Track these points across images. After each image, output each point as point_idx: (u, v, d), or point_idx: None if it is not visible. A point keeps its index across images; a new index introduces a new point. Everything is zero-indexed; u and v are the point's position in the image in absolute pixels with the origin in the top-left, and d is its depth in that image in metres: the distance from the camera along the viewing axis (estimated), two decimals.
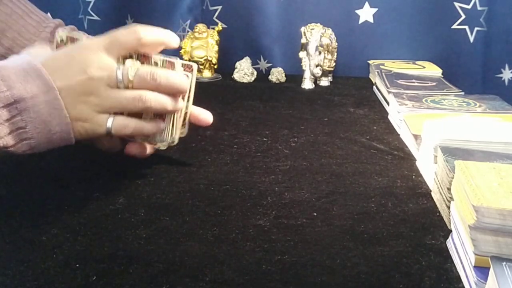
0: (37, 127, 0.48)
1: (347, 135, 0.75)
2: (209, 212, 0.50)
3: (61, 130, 0.49)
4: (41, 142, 0.49)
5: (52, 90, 0.48)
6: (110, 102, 0.51)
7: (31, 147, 0.49)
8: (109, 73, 0.50)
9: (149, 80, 0.52)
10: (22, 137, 0.47)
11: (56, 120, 0.48)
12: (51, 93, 0.48)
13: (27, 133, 0.47)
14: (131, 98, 0.51)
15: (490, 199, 0.39)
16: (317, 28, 1.04)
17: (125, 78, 0.51)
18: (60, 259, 0.42)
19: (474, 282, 0.38)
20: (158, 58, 0.54)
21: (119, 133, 0.53)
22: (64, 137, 0.50)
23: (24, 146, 0.48)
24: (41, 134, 0.48)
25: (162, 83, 0.52)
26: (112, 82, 0.51)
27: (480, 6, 1.10)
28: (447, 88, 0.92)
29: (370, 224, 0.49)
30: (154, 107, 0.52)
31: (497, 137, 0.57)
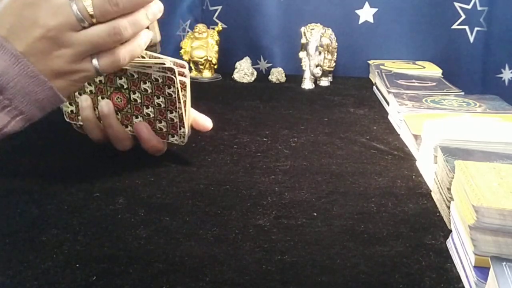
0: (22, 100, 0.45)
1: (347, 135, 0.75)
2: (209, 212, 0.50)
3: (46, 95, 0.46)
4: (33, 113, 0.46)
5: (19, 59, 0.44)
6: (84, 46, 0.46)
7: (26, 120, 0.46)
8: (65, 15, 0.45)
9: (110, 7, 0.46)
10: (12, 114, 0.45)
11: (38, 88, 0.45)
12: (20, 62, 0.44)
13: (16, 109, 0.45)
14: (105, 34, 0.47)
15: (490, 199, 0.39)
16: (317, 28, 1.04)
17: (84, 14, 0.45)
18: (60, 259, 0.42)
19: (474, 282, 0.38)
20: None
21: (109, 68, 0.49)
22: (53, 100, 0.47)
23: (18, 122, 0.46)
24: (29, 106, 0.45)
25: (125, 4, 0.47)
26: (74, 24, 0.45)
27: (480, 6, 1.10)
28: (447, 88, 0.92)
29: (370, 224, 0.49)
30: (133, 31, 0.48)
31: (497, 137, 0.57)
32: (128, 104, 0.60)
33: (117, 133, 0.60)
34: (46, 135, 0.70)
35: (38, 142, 0.69)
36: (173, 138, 0.60)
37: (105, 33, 0.47)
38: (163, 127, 0.60)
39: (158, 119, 0.60)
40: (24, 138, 0.67)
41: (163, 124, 0.60)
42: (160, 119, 0.60)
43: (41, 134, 0.70)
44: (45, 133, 0.71)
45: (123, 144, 0.61)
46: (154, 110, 0.59)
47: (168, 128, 0.60)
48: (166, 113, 0.59)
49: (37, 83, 0.45)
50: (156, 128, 0.60)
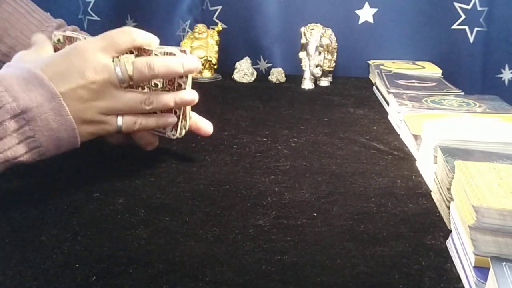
0: (45, 134, 0.48)
1: (347, 135, 0.75)
2: (209, 212, 0.50)
3: (68, 135, 0.49)
4: (49, 149, 0.49)
5: (56, 97, 0.48)
6: (117, 104, 0.52)
7: (40, 154, 0.49)
8: (109, 74, 0.51)
9: (147, 71, 0.52)
10: (31, 146, 0.48)
11: (63, 127, 0.48)
12: (55, 100, 0.48)
13: (36, 141, 0.48)
14: (137, 100, 0.53)
15: (490, 200, 0.39)
16: (317, 29, 1.04)
17: (124, 74, 0.51)
18: (59, 259, 0.42)
19: (474, 283, 0.38)
20: (158, 51, 0.54)
21: (129, 130, 0.54)
22: (71, 142, 0.50)
23: (34, 154, 0.48)
24: (49, 141, 0.48)
25: (160, 70, 0.52)
26: (114, 82, 0.51)
27: (480, 7, 1.10)
28: (447, 88, 0.92)
29: (370, 224, 0.49)
30: (158, 107, 0.54)
31: (497, 137, 0.57)
32: None
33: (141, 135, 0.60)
34: None
35: None
36: (170, 132, 0.59)
37: (137, 100, 0.53)
38: None
39: None
40: None
41: None
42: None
43: None
44: None
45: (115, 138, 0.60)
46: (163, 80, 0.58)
47: None
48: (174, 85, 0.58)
49: (63, 122, 0.48)
50: None
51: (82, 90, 0.49)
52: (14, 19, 0.70)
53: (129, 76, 0.52)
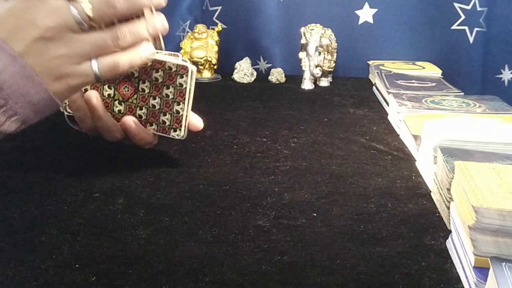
0: (17, 101, 0.44)
1: (346, 136, 0.75)
2: (209, 213, 0.50)
3: (41, 98, 0.45)
4: (28, 114, 0.45)
5: (16, 59, 0.43)
6: (84, 47, 0.47)
7: (21, 122, 0.45)
8: (63, 16, 0.45)
9: (108, 9, 0.46)
10: (7, 114, 0.44)
11: (33, 90, 0.45)
12: (17, 62, 0.44)
13: (10, 109, 0.44)
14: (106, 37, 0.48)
15: (490, 200, 0.39)
16: (316, 29, 1.04)
17: (82, 15, 0.45)
18: (59, 259, 0.42)
19: (474, 283, 0.38)
20: None
21: (109, 72, 0.49)
22: (49, 104, 0.46)
23: (12, 123, 0.45)
24: (24, 107, 0.45)
25: (121, 5, 0.47)
26: (72, 25, 0.45)
27: (480, 7, 1.11)
28: (447, 89, 0.92)
29: (369, 225, 0.49)
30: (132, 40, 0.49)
31: (497, 137, 0.57)
32: (135, 94, 0.60)
33: (105, 125, 0.59)
34: (46, 135, 0.70)
35: (38, 142, 0.69)
36: (174, 132, 0.60)
37: (106, 37, 0.47)
38: (166, 120, 0.59)
39: (163, 112, 0.59)
40: (24, 138, 0.67)
41: (167, 117, 0.59)
42: (165, 112, 0.59)
43: (41, 134, 0.70)
44: (45, 133, 0.71)
45: (112, 136, 0.60)
46: (161, 101, 0.59)
47: (171, 122, 0.59)
48: (173, 105, 0.58)
49: (32, 84, 0.45)
50: (159, 121, 0.60)
51: (39, 43, 0.44)
52: None
53: (87, 16, 0.46)
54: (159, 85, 0.58)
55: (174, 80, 0.58)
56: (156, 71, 0.58)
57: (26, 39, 0.44)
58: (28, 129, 0.48)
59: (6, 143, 0.67)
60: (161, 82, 0.58)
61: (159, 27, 0.52)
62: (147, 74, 0.59)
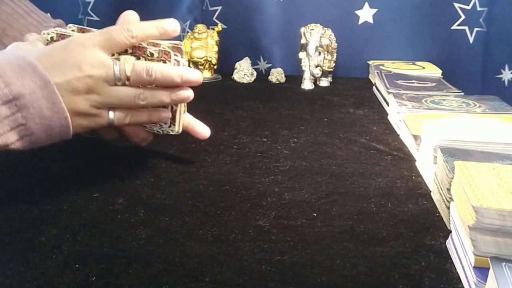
0: (37, 122, 0.47)
1: (346, 136, 0.75)
2: (209, 213, 0.50)
3: (60, 124, 0.48)
4: (41, 137, 0.48)
5: (49, 84, 0.47)
6: (110, 99, 0.52)
7: (31, 142, 0.48)
8: (107, 70, 0.50)
9: (145, 76, 0.52)
10: (22, 133, 0.47)
11: (56, 115, 0.48)
12: (48, 88, 0.47)
13: (28, 129, 0.47)
14: (131, 95, 0.52)
15: (490, 200, 0.39)
16: (316, 29, 1.04)
17: (122, 75, 0.51)
18: (59, 259, 0.42)
19: (474, 283, 0.38)
20: (153, 50, 0.54)
21: (120, 124, 0.54)
22: (63, 131, 0.49)
23: (25, 142, 0.48)
24: (41, 130, 0.48)
25: (157, 77, 0.52)
26: (110, 79, 0.51)
27: (480, 7, 1.11)
28: (447, 89, 0.92)
29: (369, 225, 0.49)
30: (152, 103, 0.53)
31: (497, 137, 0.57)
32: None
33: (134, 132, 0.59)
34: None
35: None
36: (169, 128, 0.59)
37: (131, 96, 0.52)
38: None
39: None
40: None
41: None
42: None
43: None
44: None
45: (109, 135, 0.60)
46: None
47: None
48: None
49: (56, 110, 0.48)
50: None
51: (77, 82, 0.49)
52: (13, 20, 0.70)
53: (127, 76, 0.52)
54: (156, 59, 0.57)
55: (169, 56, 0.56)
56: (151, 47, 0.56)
57: (67, 75, 0.49)
58: None
59: None
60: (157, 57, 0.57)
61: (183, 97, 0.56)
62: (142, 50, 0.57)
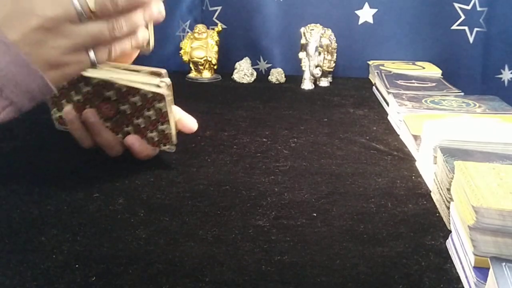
0: (13, 90, 0.44)
1: (346, 136, 0.75)
2: (209, 213, 0.50)
3: (38, 85, 0.45)
4: (23, 103, 0.45)
5: (10, 47, 0.42)
6: (81, 39, 0.46)
7: (15, 110, 0.45)
8: (65, 7, 0.44)
9: (111, 5, 0.46)
10: (2, 104, 0.44)
11: (29, 77, 0.44)
12: (11, 51, 0.43)
13: (6, 99, 0.44)
14: (104, 29, 0.47)
15: (490, 200, 0.39)
16: (316, 29, 1.04)
17: (84, 8, 0.45)
18: (59, 259, 0.42)
19: (474, 283, 0.38)
20: None
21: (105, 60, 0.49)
22: (44, 90, 0.46)
23: (9, 112, 0.44)
24: (20, 96, 0.44)
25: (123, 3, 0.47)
26: (72, 17, 0.45)
27: (480, 7, 1.11)
28: (447, 89, 0.92)
29: (369, 225, 0.49)
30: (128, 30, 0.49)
31: (497, 137, 0.57)
32: (118, 114, 0.59)
33: (106, 141, 0.60)
34: (45, 135, 0.70)
35: (38, 142, 0.69)
36: (165, 146, 0.60)
37: (104, 29, 0.47)
38: (154, 137, 0.60)
39: (149, 129, 0.59)
40: (24, 139, 0.67)
41: (154, 134, 0.59)
42: (151, 130, 0.59)
43: (41, 135, 0.70)
44: (45, 134, 0.71)
45: (114, 151, 0.61)
46: (145, 120, 0.59)
47: (160, 138, 0.59)
48: (157, 125, 0.59)
49: (28, 72, 0.44)
50: (147, 137, 0.60)
51: (37, 33, 0.43)
52: None
53: (89, 9, 0.45)
54: (139, 107, 0.58)
55: (153, 104, 0.57)
56: (133, 96, 0.57)
57: (23, 28, 0.43)
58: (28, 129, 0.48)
59: (6, 144, 0.67)
60: (141, 105, 0.58)
61: (156, 14, 0.52)
62: (124, 98, 0.58)
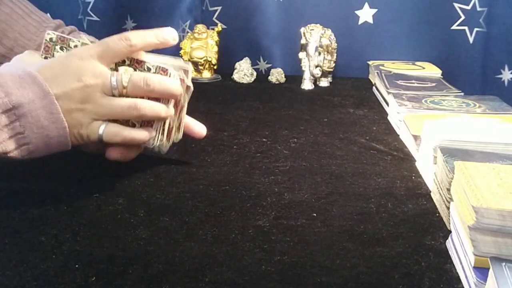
0: (35, 132, 0.48)
1: (346, 136, 0.75)
2: (209, 213, 0.50)
3: (58, 135, 0.49)
4: (39, 147, 0.49)
5: (48, 95, 0.48)
6: (105, 109, 0.51)
7: (29, 151, 0.49)
8: (104, 80, 0.51)
9: (143, 86, 0.52)
10: (21, 142, 0.48)
11: (54, 125, 0.49)
12: (47, 98, 0.48)
13: (26, 138, 0.48)
14: (126, 106, 0.51)
15: (490, 200, 0.39)
16: (316, 29, 1.04)
17: (119, 85, 0.51)
18: (59, 259, 0.42)
19: (474, 283, 0.38)
20: (151, 65, 0.54)
21: (109, 140, 0.53)
22: (61, 142, 0.50)
23: (23, 151, 0.48)
24: (39, 139, 0.48)
25: (156, 88, 0.52)
26: (107, 89, 0.51)
27: (480, 7, 1.11)
28: (447, 89, 0.92)
29: (369, 225, 0.49)
30: (149, 114, 0.52)
31: (497, 138, 0.57)
32: None
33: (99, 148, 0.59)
34: None
35: None
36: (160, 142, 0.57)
37: (126, 106, 0.51)
38: None
39: None
40: None
41: None
42: None
43: None
44: None
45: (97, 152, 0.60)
46: None
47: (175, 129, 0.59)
48: None
49: (54, 120, 0.48)
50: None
51: (74, 93, 0.49)
52: (12, 21, 0.70)
53: (123, 86, 0.51)
54: None
55: None
56: None
57: (66, 86, 0.49)
58: None
59: None
60: None
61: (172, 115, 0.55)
62: None
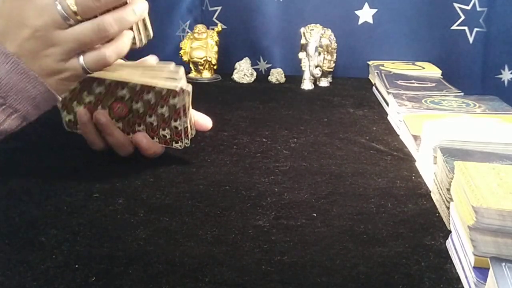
0: (16, 98, 0.45)
1: (346, 136, 0.75)
2: (209, 213, 0.50)
3: (39, 92, 0.46)
4: (28, 110, 0.46)
5: (8, 56, 0.44)
6: (70, 44, 0.47)
7: (21, 119, 0.47)
8: (50, 15, 0.45)
9: (93, 3, 0.47)
10: (7, 112, 0.45)
11: (30, 85, 0.46)
12: (9, 60, 0.44)
13: (10, 107, 0.45)
14: (89, 30, 0.47)
15: (490, 200, 0.39)
16: (316, 29, 1.04)
17: (68, 12, 0.46)
18: (59, 259, 0.42)
19: (474, 283, 0.38)
20: None
21: (96, 66, 0.49)
22: (48, 97, 0.47)
23: (14, 121, 0.46)
24: (23, 103, 0.46)
25: None
26: (59, 23, 0.46)
27: (480, 7, 1.11)
28: (447, 89, 0.92)
29: (369, 225, 0.49)
30: (118, 28, 0.49)
31: (497, 138, 0.57)
32: (130, 113, 0.60)
33: (117, 141, 0.60)
34: (46, 135, 0.70)
35: (38, 142, 0.69)
36: (176, 144, 0.61)
37: (90, 30, 0.47)
38: (166, 135, 0.60)
39: (162, 127, 0.60)
40: (24, 139, 0.67)
41: (166, 132, 0.60)
42: (163, 127, 0.60)
43: (41, 135, 0.70)
44: (45, 134, 0.71)
45: (125, 150, 0.61)
46: (158, 119, 0.59)
47: (172, 135, 0.60)
48: (170, 122, 0.59)
49: (28, 79, 0.46)
50: (159, 135, 0.60)
51: (30, 42, 0.45)
52: None
53: (73, 12, 0.46)
54: (153, 105, 0.58)
55: (167, 101, 0.57)
56: (147, 93, 0.58)
57: (17, 39, 0.45)
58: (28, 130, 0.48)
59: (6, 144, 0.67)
60: (154, 103, 0.58)
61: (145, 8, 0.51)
62: (138, 96, 0.59)
